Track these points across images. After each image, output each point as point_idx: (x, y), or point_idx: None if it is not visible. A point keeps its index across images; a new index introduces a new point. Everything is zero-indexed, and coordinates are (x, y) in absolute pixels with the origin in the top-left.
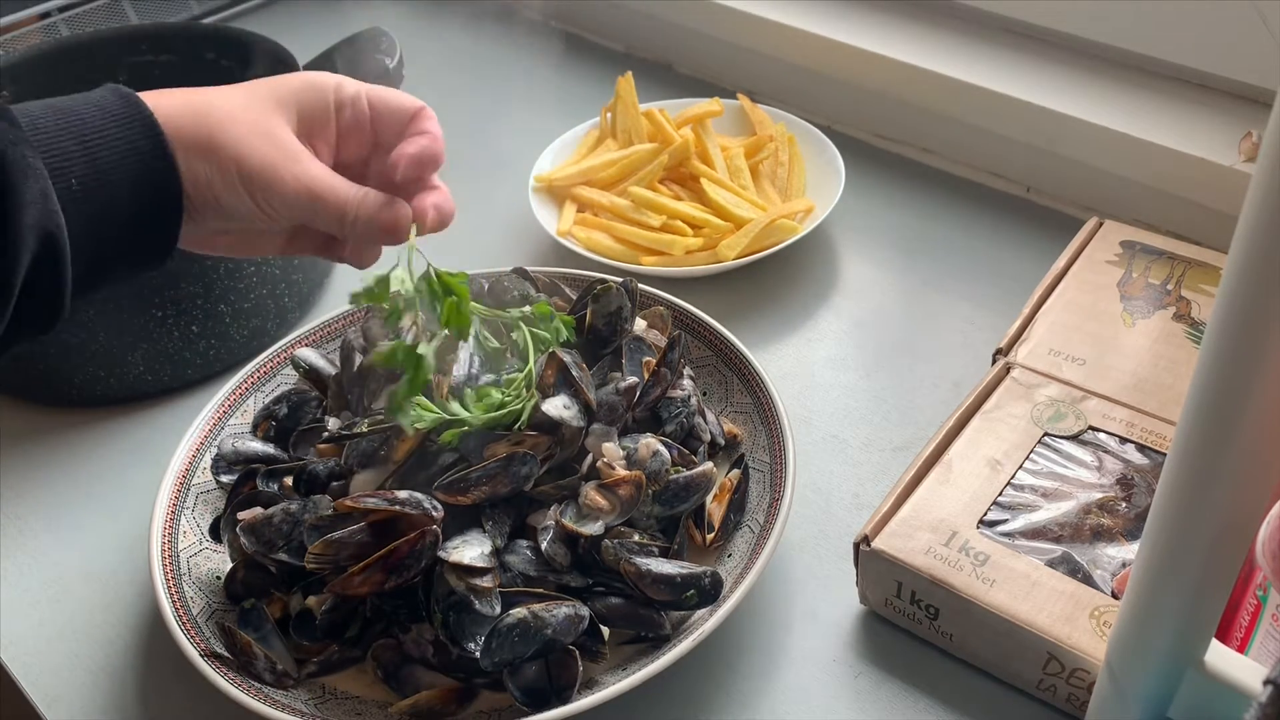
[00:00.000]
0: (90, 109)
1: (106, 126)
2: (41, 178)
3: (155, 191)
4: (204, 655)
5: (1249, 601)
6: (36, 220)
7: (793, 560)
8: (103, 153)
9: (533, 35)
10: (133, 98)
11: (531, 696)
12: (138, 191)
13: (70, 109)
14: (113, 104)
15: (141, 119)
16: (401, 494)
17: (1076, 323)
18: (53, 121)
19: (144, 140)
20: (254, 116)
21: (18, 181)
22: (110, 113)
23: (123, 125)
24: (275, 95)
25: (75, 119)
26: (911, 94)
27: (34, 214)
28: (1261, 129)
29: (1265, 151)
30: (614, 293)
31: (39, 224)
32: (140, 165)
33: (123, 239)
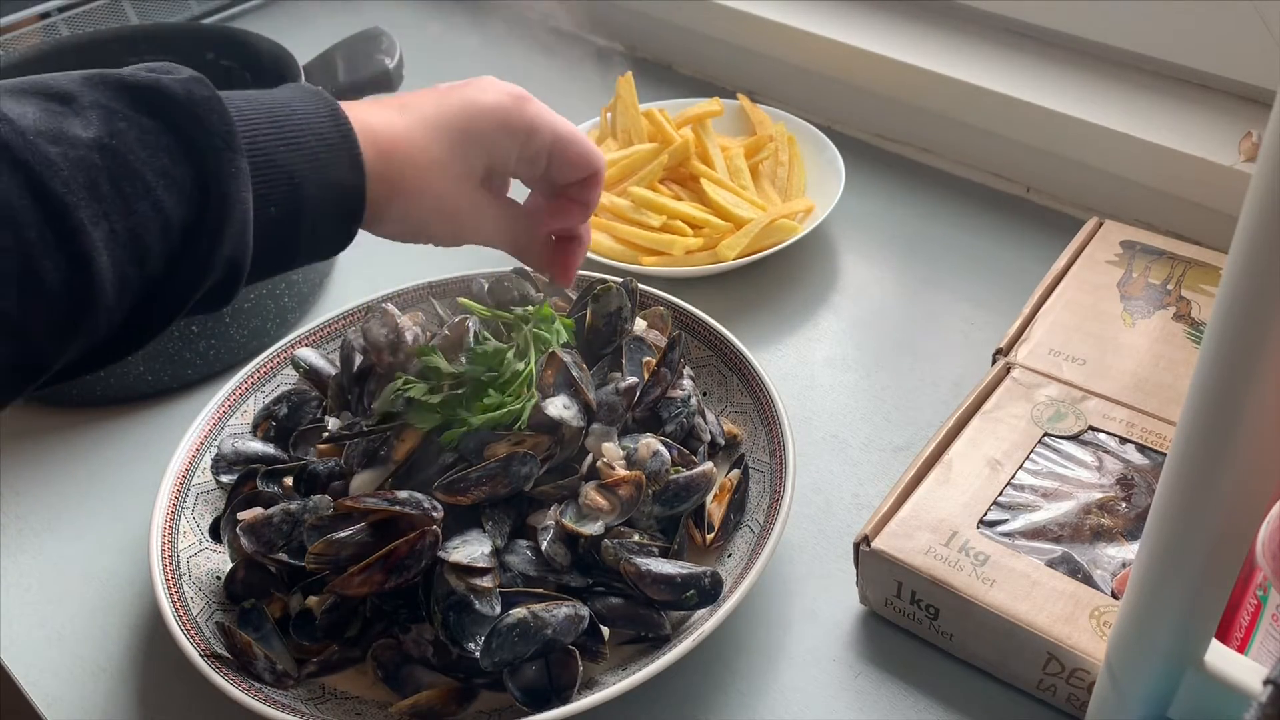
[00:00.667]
0: (308, 134)
1: (318, 153)
2: (246, 211)
3: (342, 227)
4: (204, 655)
5: (1249, 601)
6: (228, 253)
7: (793, 560)
8: (309, 188)
9: (532, 35)
10: (347, 129)
11: (531, 696)
12: (326, 222)
13: (290, 128)
14: (330, 132)
15: (350, 157)
16: (401, 494)
17: (1076, 323)
18: (269, 142)
19: (349, 176)
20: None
21: (224, 218)
22: (325, 140)
23: (334, 154)
24: (469, 142)
25: (293, 143)
26: (911, 94)
27: (229, 248)
28: (1261, 129)
29: (1265, 151)
30: (614, 293)
31: (230, 256)
32: (337, 203)
33: (303, 254)
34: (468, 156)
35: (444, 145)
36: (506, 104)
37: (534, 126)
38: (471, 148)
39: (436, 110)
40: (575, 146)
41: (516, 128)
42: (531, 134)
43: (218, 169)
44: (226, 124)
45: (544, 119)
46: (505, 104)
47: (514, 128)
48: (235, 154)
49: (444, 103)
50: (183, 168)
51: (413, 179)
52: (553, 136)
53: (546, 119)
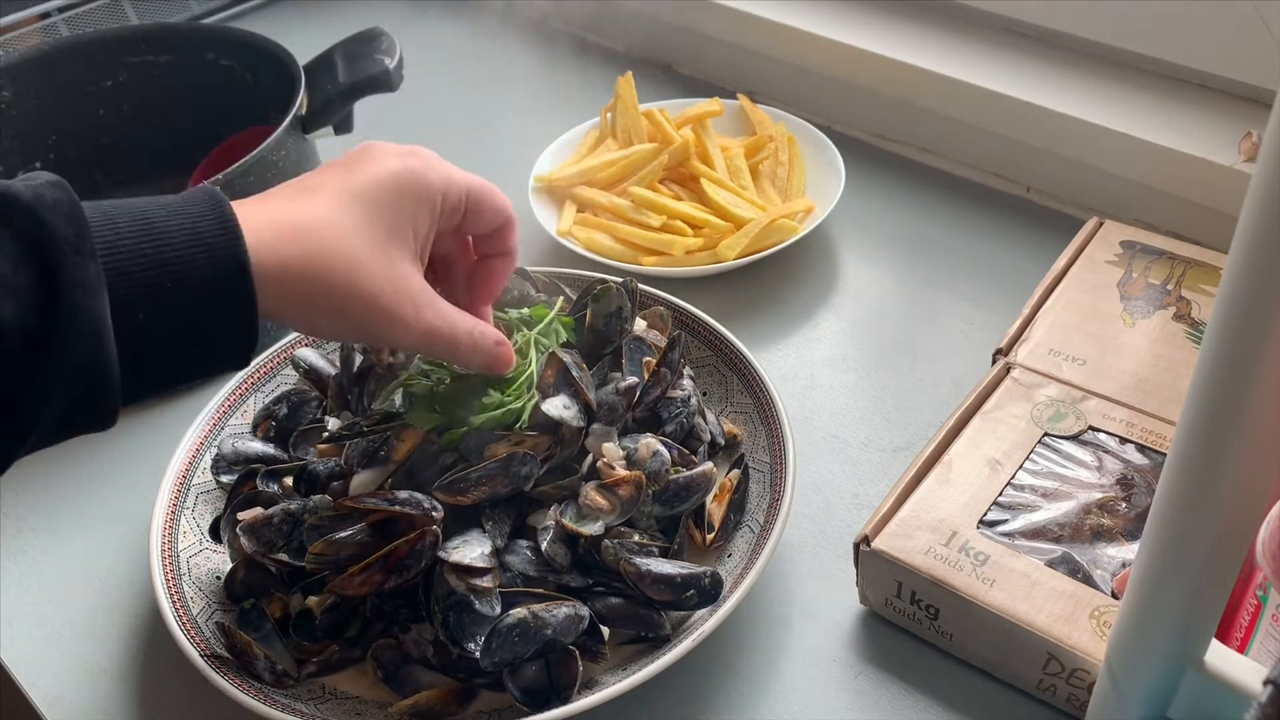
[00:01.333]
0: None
1: (194, 260)
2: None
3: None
4: (204, 655)
5: (1249, 601)
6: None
7: (793, 560)
8: (182, 292)
9: (533, 35)
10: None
11: (531, 696)
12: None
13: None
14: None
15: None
16: (401, 494)
17: (1076, 323)
18: (134, 244)
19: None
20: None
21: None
22: (204, 242)
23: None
24: (394, 225)
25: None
26: (911, 94)
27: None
28: (1261, 129)
29: (1265, 151)
30: (614, 293)
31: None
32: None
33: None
34: (388, 228)
35: (355, 218)
36: (415, 165)
37: (446, 190)
38: (389, 218)
39: (343, 184)
40: (490, 197)
41: (425, 192)
42: (445, 195)
43: (62, 275)
44: (76, 226)
45: (453, 173)
46: (414, 166)
47: (423, 192)
48: (85, 258)
49: (350, 177)
50: (24, 275)
51: (318, 256)
52: (466, 188)
53: (453, 176)
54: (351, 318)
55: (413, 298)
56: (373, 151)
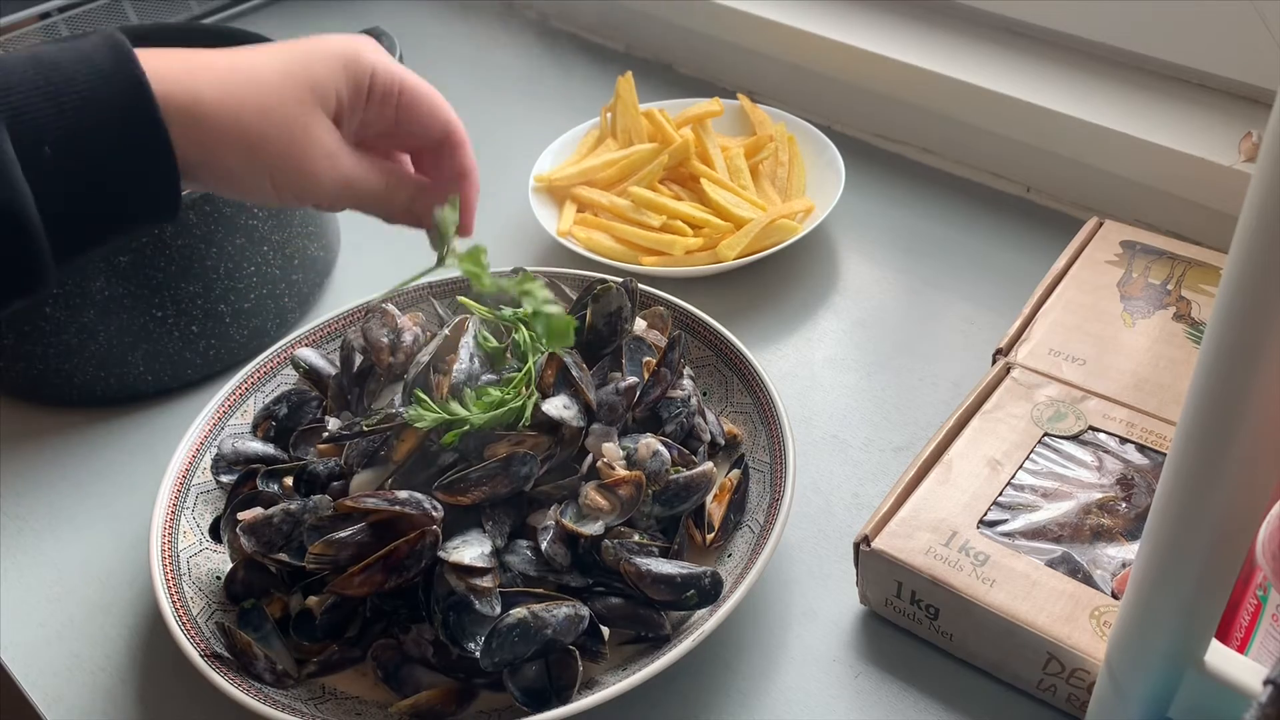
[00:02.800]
0: (75, 63)
1: (90, 84)
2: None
3: (145, 160)
4: (204, 655)
5: (1249, 601)
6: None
7: (793, 560)
8: (83, 117)
9: (533, 35)
10: (125, 53)
11: (531, 696)
12: (124, 161)
13: (53, 63)
14: (103, 59)
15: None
16: (401, 494)
17: (1076, 323)
18: (29, 79)
19: (133, 105)
20: (292, 114)
21: None
22: (98, 68)
23: (109, 86)
24: (312, 82)
25: (57, 76)
26: (911, 94)
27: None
28: (1261, 129)
29: (1265, 151)
30: (614, 293)
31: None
32: (127, 134)
33: (109, 202)
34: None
35: (270, 67)
36: (354, 43)
37: (374, 69)
38: (318, 86)
39: (274, 46)
40: (428, 98)
41: (359, 71)
42: (374, 76)
43: None
44: None
45: (388, 64)
46: (353, 42)
47: (354, 64)
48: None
49: (278, 46)
50: None
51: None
52: (399, 84)
53: (391, 65)
54: (265, 164)
55: (325, 148)
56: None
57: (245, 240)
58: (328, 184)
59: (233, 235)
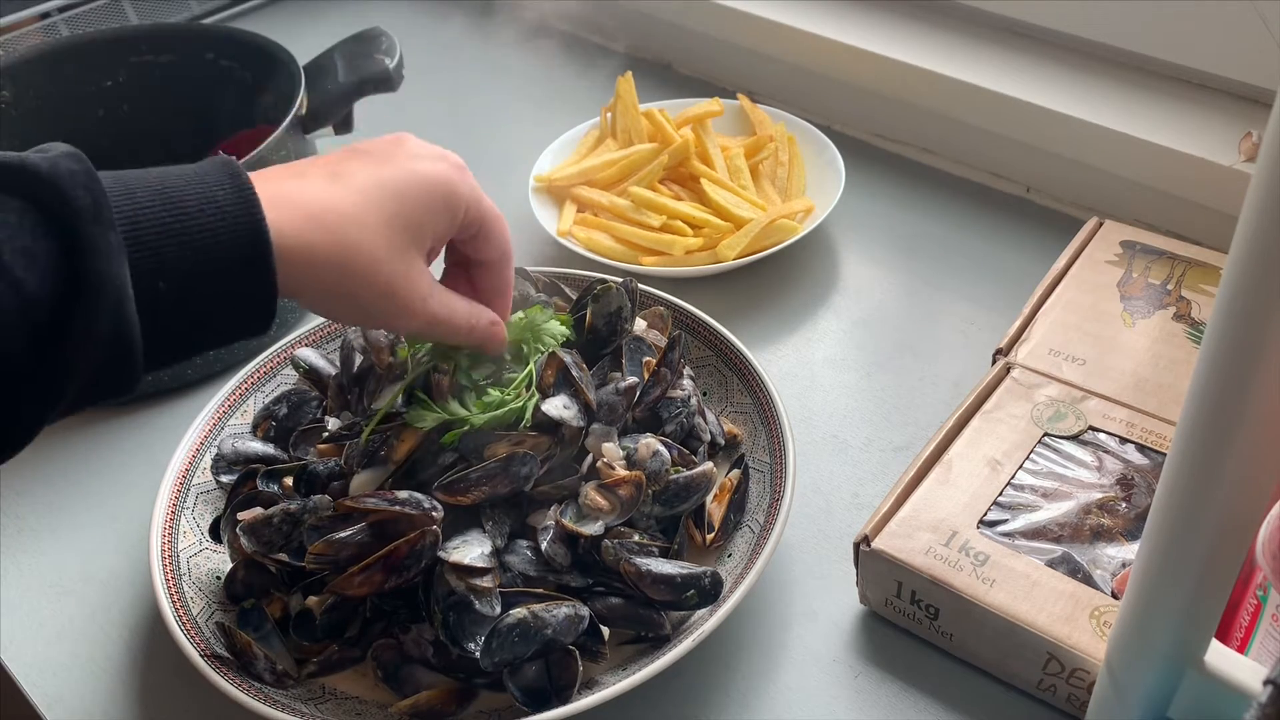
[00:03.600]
0: (199, 201)
1: (213, 226)
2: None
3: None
4: (204, 655)
5: (1249, 601)
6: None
7: (793, 560)
8: (201, 260)
9: (533, 35)
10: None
11: (531, 696)
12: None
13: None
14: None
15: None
16: (401, 494)
17: (1076, 323)
18: (154, 214)
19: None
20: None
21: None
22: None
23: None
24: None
25: (182, 215)
26: (911, 94)
27: (103, 325)
28: (1261, 129)
29: (1265, 151)
30: (614, 293)
31: (111, 332)
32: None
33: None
34: (408, 227)
35: (377, 213)
36: (450, 175)
37: (475, 199)
38: (408, 217)
39: (375, 177)
40: (499, 229)
41: (454, 203)
42: (467, 213)
43: (83, 244)
44: (93, 196)
45: (476, 193)
46: (449, 175)
47: (452, 202)
48: (103, 227)
49: (381, 171)
50: (45, 243)
51: (343, 247)
52: (482, 217)
53: (477, 198)
54: (364, 306)
55: (421, 291)
56: (407, 146)
57: None
58: (418, 324)
59: None
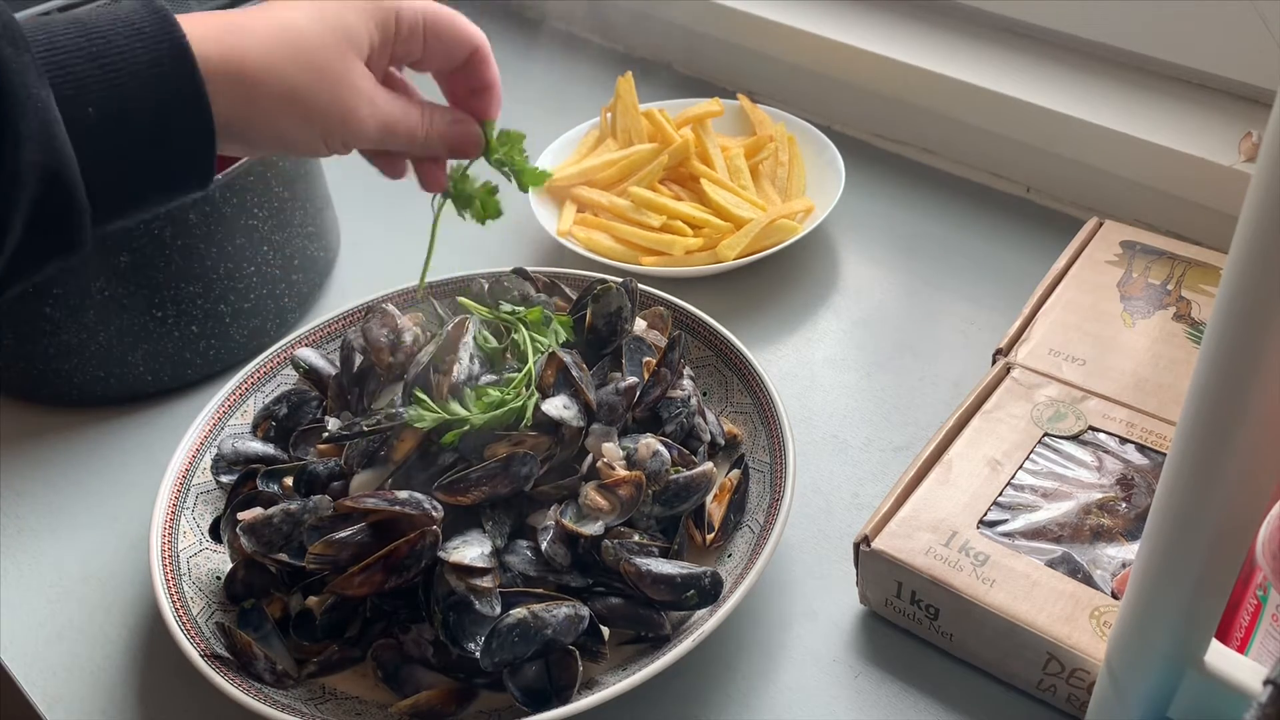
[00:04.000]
0: (115, 24)
1: (130, 46)
2: (45, 109)
3: (184, 119)
4: (204, 655)
5: (1249, 601)
6: (35, 158)
7: (793, 560)
8: (124, 78)
9: (533, 35)
10: (163, 15)
11: (531, 696)
12: (163, 121)
13: (93, 26)
14: (142, 20)
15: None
16: (401, 494)
17: (1076, 323)
18: (71, 40)
19: (171, 65)
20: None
21: (14, 116)
22: (138, 29)
23: (149, 47)
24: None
25: (98, 37)
26: (911, 94)
27: (32, 150)
28: (1261, 129)
29: (1265, 151)
30: (614, 293)
31: (39, 161)
32: (167, 95)
33: (148, 166)
34: (337, 28)
35: (311, 22)
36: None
37: (401, 6)
38: (338, 19)
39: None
40: (450, 21)
41: (385, 15)
42: (399, 13)
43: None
44: (3, 18)
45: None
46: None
47: (382, 8)
48: (17, 49)
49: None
50: None
51: (266, 57)
52: (423, 16)
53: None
54: (308, 113)
55: (365, 94)
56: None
57: (245, 240)
58: (371, 128)
59: (233, 235)
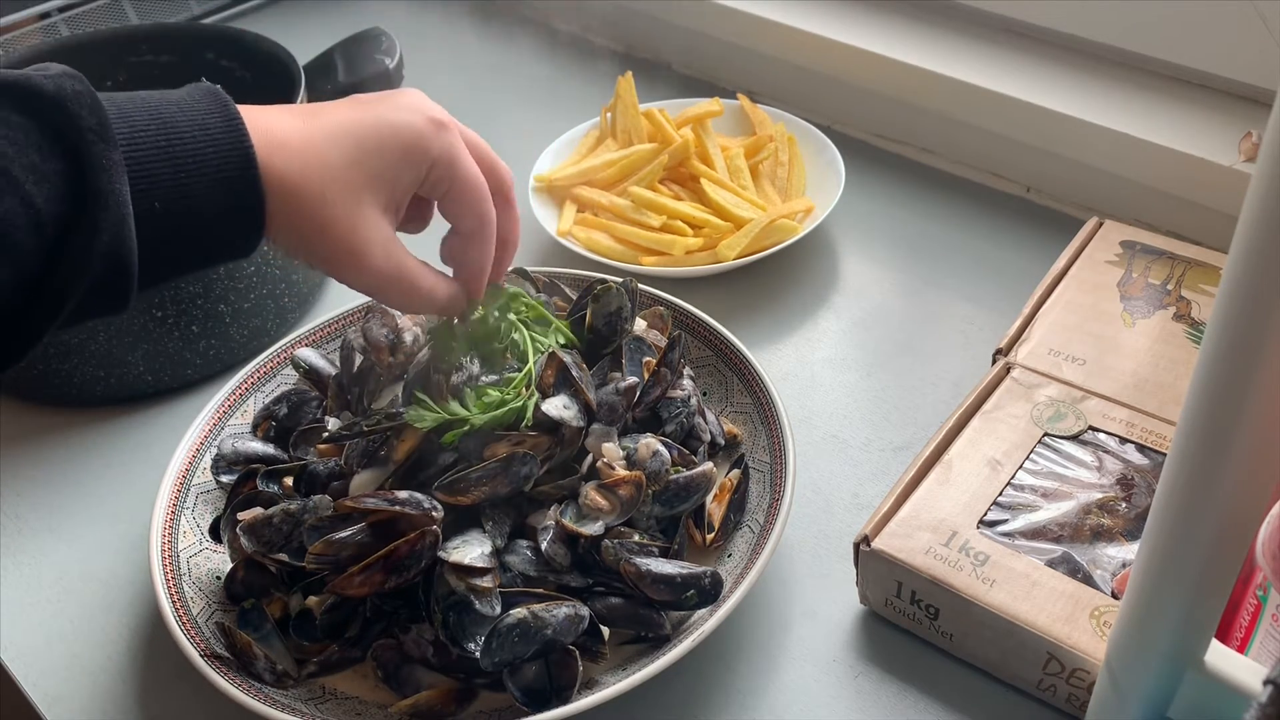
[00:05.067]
0: (190, 126)
1: (203, 151)
2: (122, 203)
3: (239, 223)
4: (204, 655)
5: (1249, 601)
6: (106, 247)
7: (793, 560)
8: (194, 180)
9: (533, 35)
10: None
11: (531, 696)
12: (220, 222)
13: (170, 124)
14: (215, 125)
15: (239, 149)
16: (401, 494)
17: (1076, 323)
18: (150, 139)
19: (238, 168)
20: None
21: (96, 209)
22: (210, 134)
23: (219, 147)
24: (374, 171)
25: (175, 138)
26: (911, 94)
27: (104, 241)
28: (1261, 129)
29: (1265, 151)
30: (614, 293)
31: (109, 250)
32: (229, 196)
33: (198, 253)
34: (364, 171)
35: (339, 152)
36: (419, 127)
37: (439, 160)
38: (368, 162)
39: (344, 120)
40: (473, 191)
41: (419, 156)
42: (433, 168)
43: (90, 161)
44: (98, 116)
45: (451, 154)
46: (417, 126)
47: (417, 155)
48: (108, 146)
49: (354, 114)
50: (53, 162)
51: (303, 182)
52: (450, 179)
53: (454, 154)
54: (316, 245)
55: (379, 243)
56: (399, 98)
57: None
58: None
59: None
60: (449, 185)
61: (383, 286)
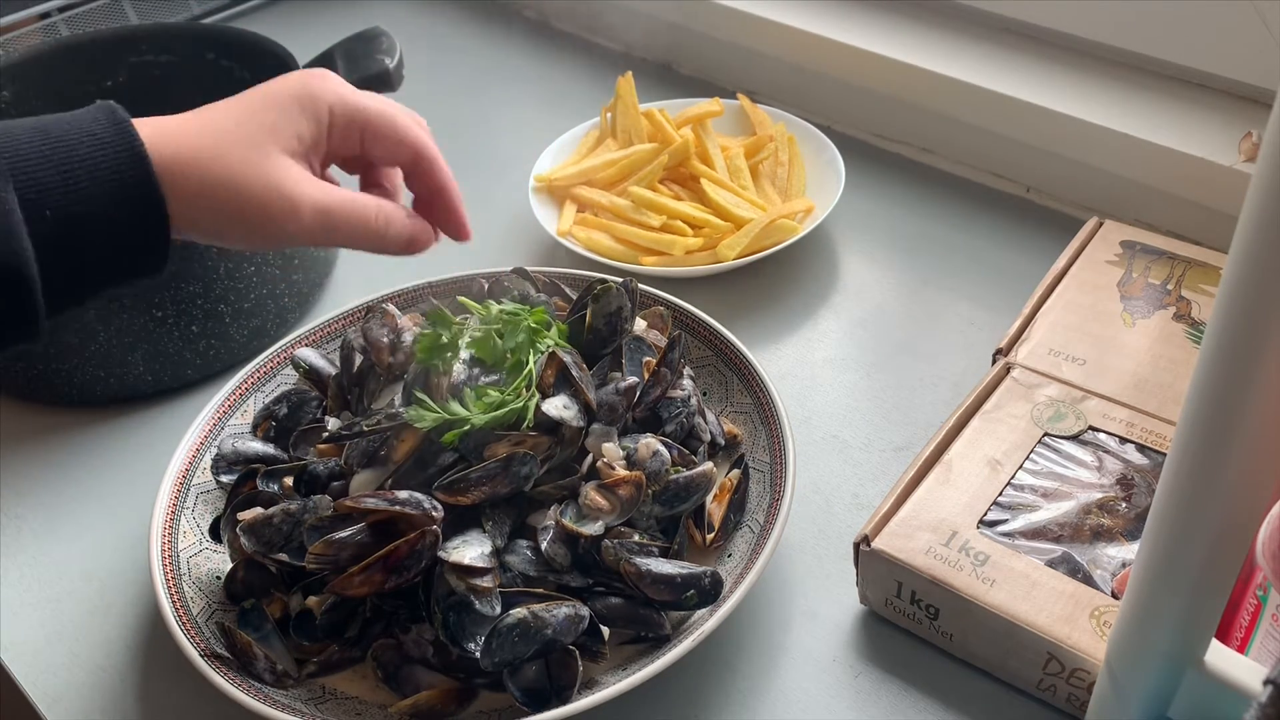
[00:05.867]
0: (78, 134)
1: (92, 155)
2: (9, 211)
3: (140, 222)
4: (204, 655)
5: (1249, 601)
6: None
7: (793, 560)
8: (84, 184)
9: (533, 35)
10: (125, 125)
11: (531, 696)
12: (120, 224)
13: (58, 135)
14: (103, 131)
15: (129, 148)
16: (401, 494)
17: (1076, 323)
18: (36, 149)
19: (130, 167)
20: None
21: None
22: (99, 139)
23: (110, 155)
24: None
25: (61, 147)
26: (911, 94)
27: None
28: (1261, 129)
29: (1265, 151)
30: (614, 293)
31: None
32: (124, 199)
33: (104, 263)
34: (261, 126)
35: (228, 117)
36: (300, 78)
37: (333, 103)
38: (260, 116)
39: (232, 99)
40: (390, 125)
41: (310, 103)
42: (333, 109)
43: None
44: None
45: (345, 96)
46: (298, 77)
47: (307, 101)
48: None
49: (241, 93)
50: None
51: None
52: (360, 113)
53: (349, 96)
54: (236, 210)
55: (300, 180)
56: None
57: None
58: (306, 215)
59: None
60: (362, 124)
61: (327, 225)
